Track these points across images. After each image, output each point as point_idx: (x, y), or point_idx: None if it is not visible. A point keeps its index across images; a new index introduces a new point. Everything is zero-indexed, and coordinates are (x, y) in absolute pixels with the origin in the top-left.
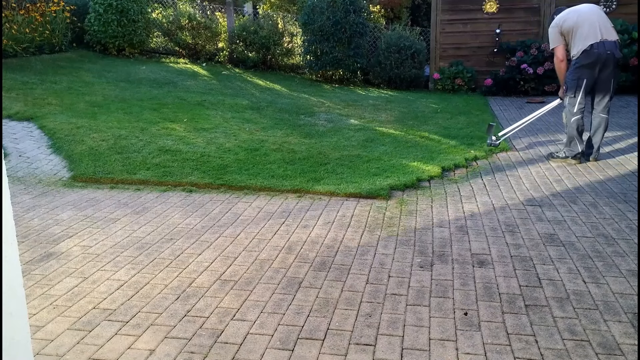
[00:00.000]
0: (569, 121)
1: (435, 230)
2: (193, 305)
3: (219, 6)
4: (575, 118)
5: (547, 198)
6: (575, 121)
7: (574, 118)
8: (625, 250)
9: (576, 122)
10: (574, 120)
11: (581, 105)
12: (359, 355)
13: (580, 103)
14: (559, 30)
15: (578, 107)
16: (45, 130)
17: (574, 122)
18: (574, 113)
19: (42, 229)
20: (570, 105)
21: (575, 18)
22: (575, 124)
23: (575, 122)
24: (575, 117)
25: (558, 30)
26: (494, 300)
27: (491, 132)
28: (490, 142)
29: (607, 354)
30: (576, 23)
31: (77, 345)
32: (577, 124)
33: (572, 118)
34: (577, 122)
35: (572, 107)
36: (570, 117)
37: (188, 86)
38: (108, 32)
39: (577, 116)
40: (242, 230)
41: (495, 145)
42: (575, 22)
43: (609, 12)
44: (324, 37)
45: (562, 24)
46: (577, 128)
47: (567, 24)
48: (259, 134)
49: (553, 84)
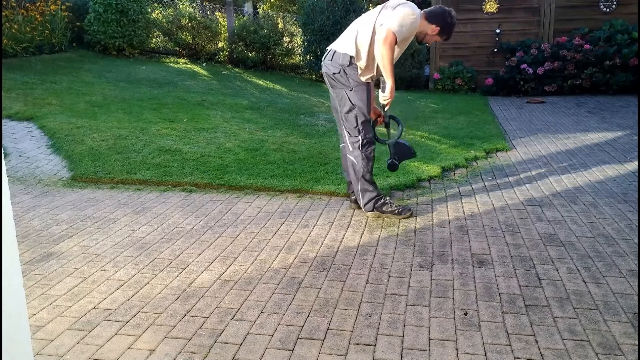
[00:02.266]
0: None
1: (435, 230)
2: (193, 305)
3: (219, 6)
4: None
5: (547, 198)
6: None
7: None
8: (625, 250)
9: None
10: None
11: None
12: (359, 355)
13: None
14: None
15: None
16: (45, 130)
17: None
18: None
19: (42, 229)
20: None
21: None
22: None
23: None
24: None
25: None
26: (494, 300)
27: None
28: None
29: (607, 354)
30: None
31: (77, 345)
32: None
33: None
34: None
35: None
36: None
37: (188, 86)
38: (108, 32)
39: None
40: (242, 230)
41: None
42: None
43: (609, 12)
44: (324, 37)
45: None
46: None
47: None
48: (259, 134)
49: (553, 84)
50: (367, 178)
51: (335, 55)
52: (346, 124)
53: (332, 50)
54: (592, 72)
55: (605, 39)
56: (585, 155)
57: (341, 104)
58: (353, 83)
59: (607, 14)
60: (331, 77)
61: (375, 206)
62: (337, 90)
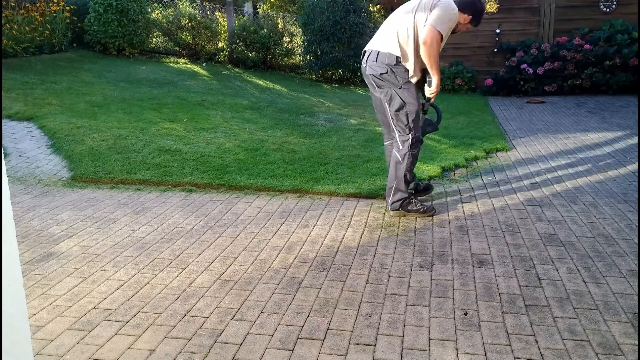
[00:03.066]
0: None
1: (435, 230)
2: (193, 305)
3: (219, 6)
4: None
5: (547, 198)
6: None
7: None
8: (625, 250)
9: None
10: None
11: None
12: (359, 355)
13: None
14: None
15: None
16: (45, 130)
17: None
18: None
19: (42, 229)
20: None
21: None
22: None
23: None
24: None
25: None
26: (494, 300)
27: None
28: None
29: (607, 354)
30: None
31: (77, 345)
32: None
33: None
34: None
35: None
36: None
37: (188, 86)
38: (108, 32)
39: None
40: (242, 230)
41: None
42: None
43: (609, 12)
44: (324, 37)
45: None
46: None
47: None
48: (259, 134)
49: (553, 84)
50: (407, 178)
51: (379, 56)
52: (396, 122)
53: (374, 50)
54: (592, 72)
55: (605, 39)
56: (585, 155)
57: (390, 103)
58: (402, 81)
59: (607, 14)
60: (378, 77)
61: (401, 206)
62: (385, 89)
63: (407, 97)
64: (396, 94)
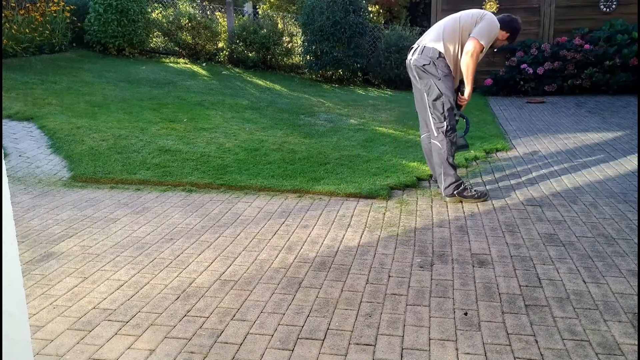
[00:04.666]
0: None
1: (435, 230)
2: (193, 305)
3: (219, 6)
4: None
5: (547, 198)
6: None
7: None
8: (625, 250)
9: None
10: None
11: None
12: (359, 355)
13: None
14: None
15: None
16: (45, 130)
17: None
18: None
19: (42, 229)
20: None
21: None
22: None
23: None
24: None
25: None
26: (494, 300)
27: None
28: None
29: (607, 354)
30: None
31: (77, 345)
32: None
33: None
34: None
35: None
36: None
37: (188, 86)
38: (108, 32)
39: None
40: (242, 230)
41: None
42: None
43: (609, 12)
44: (323, 37)
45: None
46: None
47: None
48: (259, 134)
49: (553, 84)
50: (450, 161)
51: (425, 50)
52: (433, 110)
53: (421, 45)
54: (592, 72)
55: (605, 39)
56: (585, 155)
57: (429, 93)
58: (441, 73)
59: (607, 14)
60: (420, 68)
61: (456, 191)
62: (425, 80)
63: (445, 89)
64: (435, 84)
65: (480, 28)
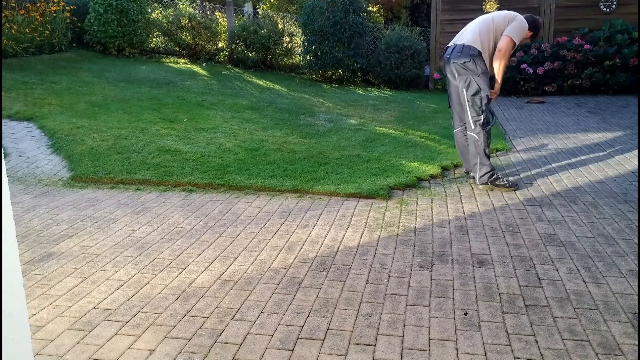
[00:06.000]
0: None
1: (435, 230)
2: (193, 305)
3: (219, 6)
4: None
5: (547, 198)
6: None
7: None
8: (625, 250)
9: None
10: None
11: (452, 119)
12: (359, 355)
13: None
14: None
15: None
16: (45, 130)
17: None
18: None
19: (42, 229)
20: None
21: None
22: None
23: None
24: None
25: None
26: (494, 300)
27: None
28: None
29: (607, 354)
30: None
31: (77, 345)
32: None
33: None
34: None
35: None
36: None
37: (188, 86)
38: (108, 32)
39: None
40: (242, 230)
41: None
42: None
43: (609, 12)
44: (323, 37)
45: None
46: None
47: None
48: (259, 134)
49: (553, 84)
50: (487, 152)
51: (464, 48)
52: (472, 105)
53: (459, 44)
54: (592, 72)
55: (605, 39)
56: (585, 155)
57: (468, 88)
58: (480, 70)
59: (607, 14)
60: (461, 65)
61: (490, 180)
62: (464, 77)
63: (483, 84)
64: (474, 80)
65: (512, 27)
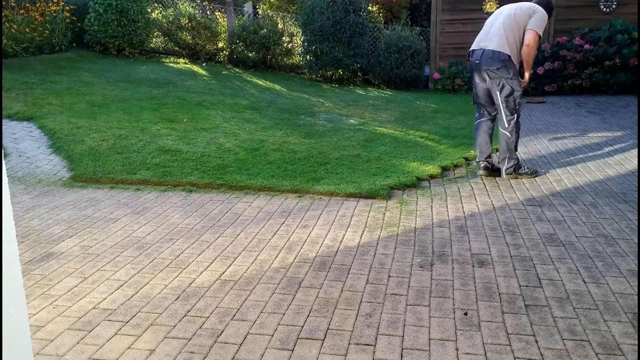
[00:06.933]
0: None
1: (435, 230)
2: (193, 305)
3: (219, 6)
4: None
5: (547, 198)
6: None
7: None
8: (625, 250)
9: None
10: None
11: (476, 112)
12: (359, 355)
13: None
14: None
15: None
16: (45, 130)
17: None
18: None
19: (42, 229)
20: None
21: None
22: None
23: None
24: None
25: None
26: (494, 300)
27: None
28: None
29: (607, 354)
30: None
31: (77, 345)
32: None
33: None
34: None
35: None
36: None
37: (188, 86)
38: (108, 32)
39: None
40: (242, 230)
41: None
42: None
43: (609, 12)
44: (323, 37)
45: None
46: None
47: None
48: (259, 134)
49: (553, 84)
50: (517, 148)
51: (495, 54)
52: (506, 105)
53: (488, 50)
54: (592, 72)
55: (605, 39)
56: (585, 155)
57: (502, 91)
58: (512, 73)
59: (607, 14)
60: (493, 70)
61: (514, 171)
62: (496, 80)
63: (516, 85)
64: (507, 83)
65: (535, 20)
